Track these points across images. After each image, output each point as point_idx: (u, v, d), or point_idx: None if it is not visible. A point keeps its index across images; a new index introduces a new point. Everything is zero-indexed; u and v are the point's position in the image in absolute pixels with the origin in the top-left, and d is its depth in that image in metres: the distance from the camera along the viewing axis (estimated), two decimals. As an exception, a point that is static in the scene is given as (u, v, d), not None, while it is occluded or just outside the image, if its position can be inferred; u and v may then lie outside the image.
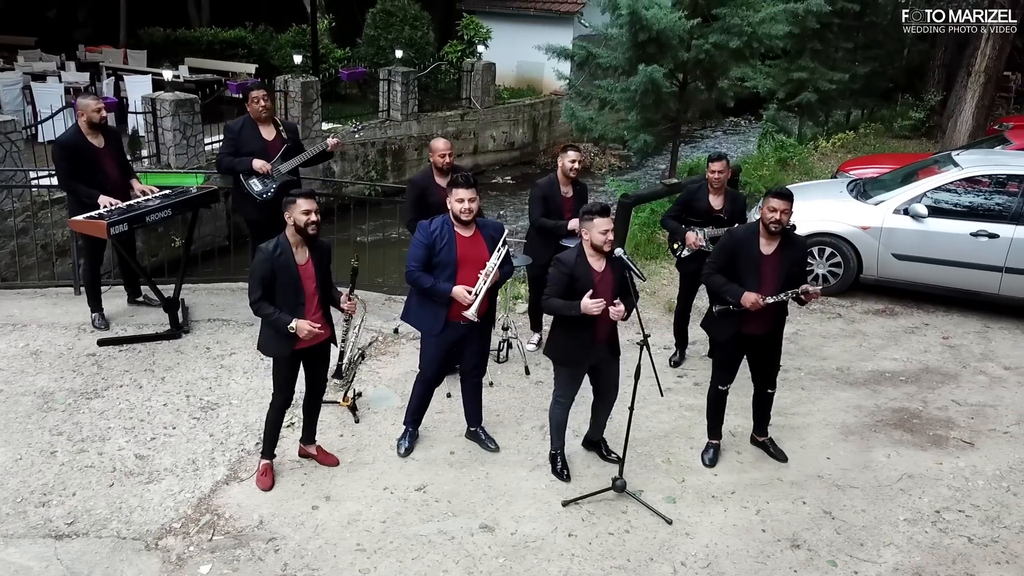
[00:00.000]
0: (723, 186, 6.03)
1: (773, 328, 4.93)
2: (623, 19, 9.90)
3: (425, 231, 4.61)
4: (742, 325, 4.83)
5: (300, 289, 4.32)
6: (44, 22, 20.87)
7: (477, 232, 4.66)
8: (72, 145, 5.88)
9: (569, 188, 6.04)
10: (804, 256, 4.94)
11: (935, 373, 6.56)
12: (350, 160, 14.17)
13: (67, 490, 4.49)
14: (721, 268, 4.87)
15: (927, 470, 5.19)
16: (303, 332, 4.25)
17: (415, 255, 4.59)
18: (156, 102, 10.41)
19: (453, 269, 4.56)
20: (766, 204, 4.70)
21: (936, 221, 7.53)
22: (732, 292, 4.75)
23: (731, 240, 4.91)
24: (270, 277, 4.26)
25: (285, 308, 4.29)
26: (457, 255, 4.56)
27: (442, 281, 4.55)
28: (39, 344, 5.98)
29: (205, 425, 5.20)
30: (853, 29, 16.60)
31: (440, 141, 5.87)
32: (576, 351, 4.62)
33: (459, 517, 4.53)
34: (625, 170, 17.58)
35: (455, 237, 4.59)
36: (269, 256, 4.25)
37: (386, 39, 16.06)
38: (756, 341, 4.93)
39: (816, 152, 15.09)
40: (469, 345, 4.88)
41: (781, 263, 4.76)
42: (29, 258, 8.74)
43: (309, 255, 4.37)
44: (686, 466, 5.12)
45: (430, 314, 4.71)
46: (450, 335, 4.75)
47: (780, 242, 4.77)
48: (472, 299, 4.47)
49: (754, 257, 4.76)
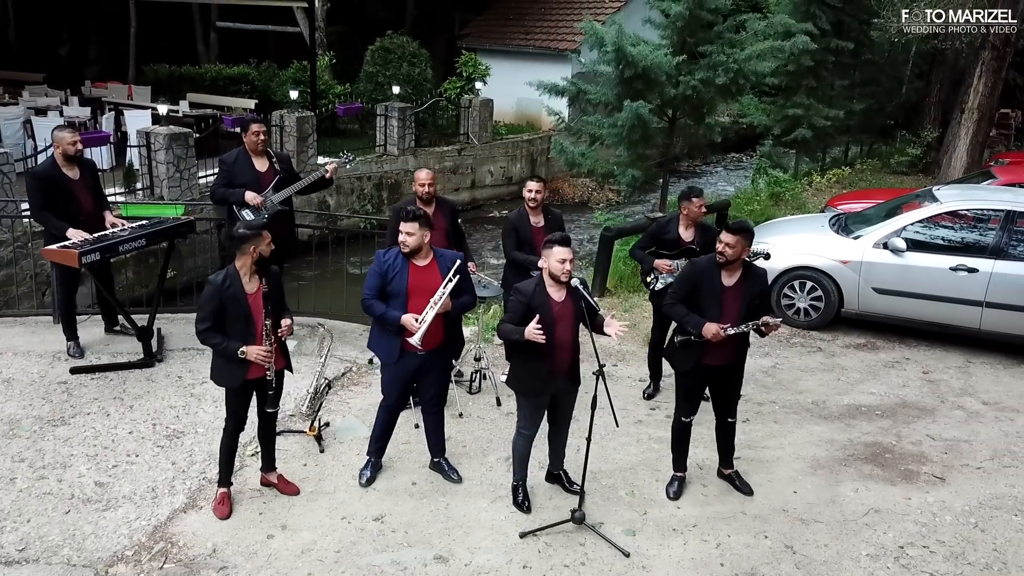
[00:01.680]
0: (696, 220, 6.07)
1: (735, 360, 4.92)
2: (609, 56, 10.06)
3: (379, 260, 4.66)
4: (703, 356, 4.82)
5: (251, 319, 4.34)
6: (55, 59, 21.35)
7: (433, 262, 4.70)
8: (46, 176, 5.98)
9: (540, 218, 6.07)
10: (766, 288, 4.95)
11: (912, 407, 6.50)
12: (345, 194, 14.31)
13: (22, 516, 4.50)
14: (683, 299, 4.88)
15: (895, 505, 5.12)
16: (252, 356, 4.27)
17: (369, 283, 4.65)
18: (151, 136, 10.58)
19: (404, 298, 4.60)
20: (720, 235, 4.74)
21: (915, 255, 7.52)
22: (693, 323, 4.76)
23: (693, 271, 4.92)
24: (219, 309, 4.30)
25: (235, 338, 4.31)
26: (408, 285, 4.60)
27: (393, 309, 4.58)
28: (12, 372, 6.03)
29: (169, 453, 5.20)
30: (849, 67, 16.75)
31: (423, 172, 5.93)
32: (535, 381, 4.62)
33: (414, 547, 4.50)
34: (622, 204, 17.63)
35: (408, 267, 4.63)
36: (218, 289, 4.28)
37: (384, 76, 16.29)
38: (718, 372, 4.92)
39: (810, 187, 15.14)
40: (428, 376, 4.89)
41: (742, 294, 4.77)
42: (19, 287, 8.83)
43: (259, 284, 4.39)
44: (649, 498, 5.08)
45: (386, 343, 4.75)
46: (407, 364, 4.76)
47: (741, 274, 4.79)
48: (417, 327, 4.49)
49: (715, 288, 4.77)
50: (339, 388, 6.23)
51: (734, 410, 5.09)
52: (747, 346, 4.98)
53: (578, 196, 18.60)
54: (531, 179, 6.05)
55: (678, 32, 10.49)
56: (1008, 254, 7.22)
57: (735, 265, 4.73)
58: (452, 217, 6.12)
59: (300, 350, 6.75)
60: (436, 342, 4.72)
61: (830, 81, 16.00)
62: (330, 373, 6.33)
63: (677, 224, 6.08)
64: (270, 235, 4.40)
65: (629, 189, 11.30)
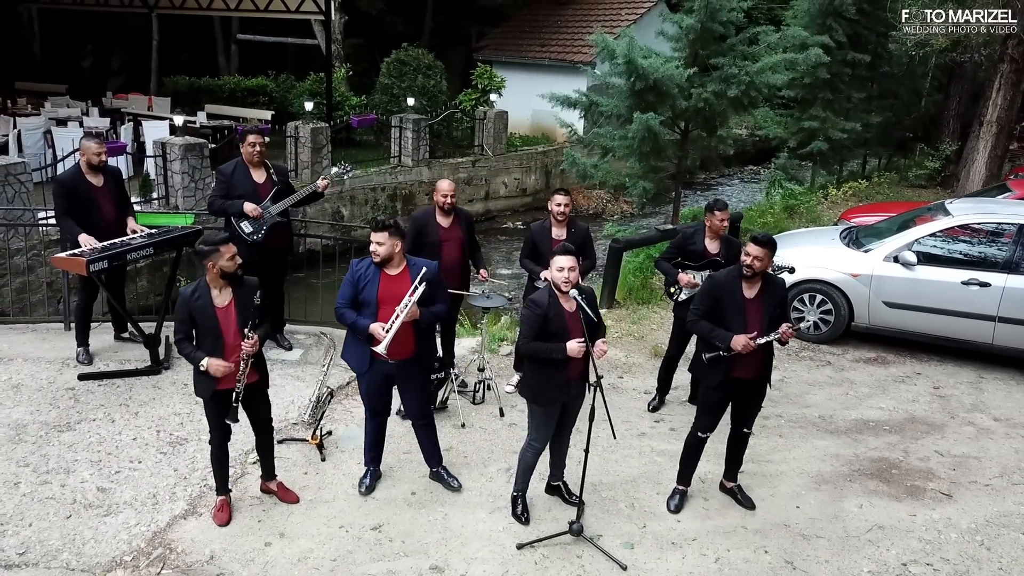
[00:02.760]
0: (721, 232, 6.05)
1: (761, 372, 4.88)
2: (620, 68, 10.07)
3: (352, 269, 4.68)
4: (732, 370, 4.79)
5: (219, 333, 4.35)
6: (79, 71, 21.74)
7: (405, 271, 4.69)
8: (70, 183, 6.13)
9: (562, 231, 6.06)
10: (785, 297, 4.89)
11: (921, 423, 6.42)
12: (359, 204, 14.41)
13: (24, 520, 4.55)
14: (705, 314, 4.84)
15: (899, 521, 5.05)
16: (212, 370, 4.29)
17: (342, 293, 4.68)
18: (166, 146, 10.73)
19: (374, 307, 4.60)
20: (744, 248, 4.71)
21: (926, 269, 7.44)
22: (720, 337, 4.71)
23: (713, 285, 4.88)
24: (190, 321, 4.33)
25: (205, 350, 4.34)
26: (378, 294, 4.60)
27: (363, 318, 4.59)
28: (21, 377, 6.10)
29: (171, 460, 5.24)
30: (867, 79, 16.66)
31: (445, 182, 5.98)
32: (551, 390, 4.59)
33: (410, 557, 4.49)
34: (637, 216, 17.63)
35: (379, 276, 4.64)
36: (187, 300, 4.33)
37: (400, 87, 16.43)
38: (745, 385, 4.88)
39: (826, 200, 15.03)
40: (406, 389, 4.90)
41: (764, 306, 4.73)
42: (34, 295, 8.97)
43: (232, 298, 4.39)
44: (649, 511, 5.04)
45: (357, 352, 4.76)
46: (378, 372, 4.76)
47: (761, 285, 4.76)
48: (383, 335, 4.49)
49: (737, 301, 4.74)
50: (343, 397, 6.25)
51: (752, 422, 5.04)
52: (772, 357, 4.94)
53: (593, 207, 18.61)
54: (559, 192, 6.04)
55: (690, 44, 10.51)
56: (1021, 268, 7.12)
57: (756, 277, 4.71)
58: (468, 228, 6.14)
59: (305, 359, 6.79)
60: (406, 352, 4.70)
61: (847, 93, 15.91)
62: (334, 382, 6.35)
63: (703, 236, 6.05)
64: (233, 250, 4.33)
65: (641, 201, 11.29)
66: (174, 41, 21.49)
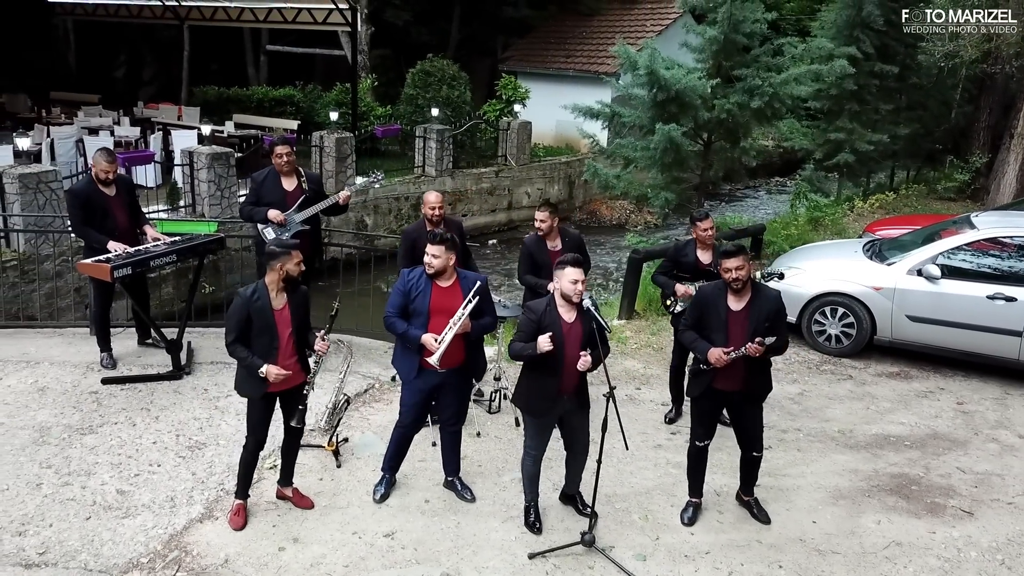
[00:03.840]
0: (712, 242, 6.04)
1: (746, 386, 4.81)
2: (642, 79, 10.08)
3: (404, 279, 4.73)
4: (714, 381, 4.78)
5: (275, 334, 4.45)
6: (112, 81, 22.20)
7: (456, 283, 4.75)
8: (83, 194, 6.29)
9: (557, 242, 6.09)
10: (776, 308, 4.79)
11: (943, 439, 6.32)
12: (383, 213, 14.53)
13: (45, 521, 4.64)
14: (693, 325, 4.86)
15: (918, 539, 4.97)
16: (271, 376, 4.38)
17: (393, 302, 4.73)
18: (193, 155, 10.92)
19: (425, 318, 4.66)
20: (721, 266, 4.68)
21: (951, 283, 7.34)
22: (700, 349, 4.74)
23: (700, 297, 4.92)
24: (246, 321, 4.41)
25: (259, 351, 4.43)
26: (430, 304, 4.66)
27: (415, 328, 4.64)
28: (47, 381, 6.23)
29: (189, 464, 5.31)
30: (895, 91, 16.49)
31: (432, 194, 6.03)
32: (542, 401, 4.61)
33: (422, 565, 4.51)
34: (660, 227, 17.57)
35: (431, 287, 4.70)
36: (246, 301, 4.41)
37: (424, 98, 16.55)
38: (730, 398, 4.86)
39: (852, 212, 14.87)
40: (447, 394, 4.94)
41: (750, 318, 4.69)
42: (63, 300, 9.15)
43: (287, 301, 4.50)
44: (663, 524, 5.01)
45: (407, 360, 4.82)
46: (425, 382, 4.81)
47: (751, 297, 4.72)
48: (437, 346, 4.53)
49: (721, 313, 4.74)
50: (360, 404, 6.30)
51: (759, 444, 4.99)
52: (762, 373, 4.88)
53: (616, 218, 18.59)
54: (540, 208, 6.08)
55: (713, 56, 10.50)
56: (1048, 283, 7.00)
57: (744, 289, 4.68)
58: (459, 237, 6.17)
59: (324, 366, 6.80)
60: (456, 362, 4.76)
61: (874, 105, 15.75)
62: (352, 390, 6.39)
63: (694, 247, 6.06)
64: (300, 256, 4.49)
65: (663, 211, 11.26)
66: (205, 52, 21.87)
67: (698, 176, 11.21)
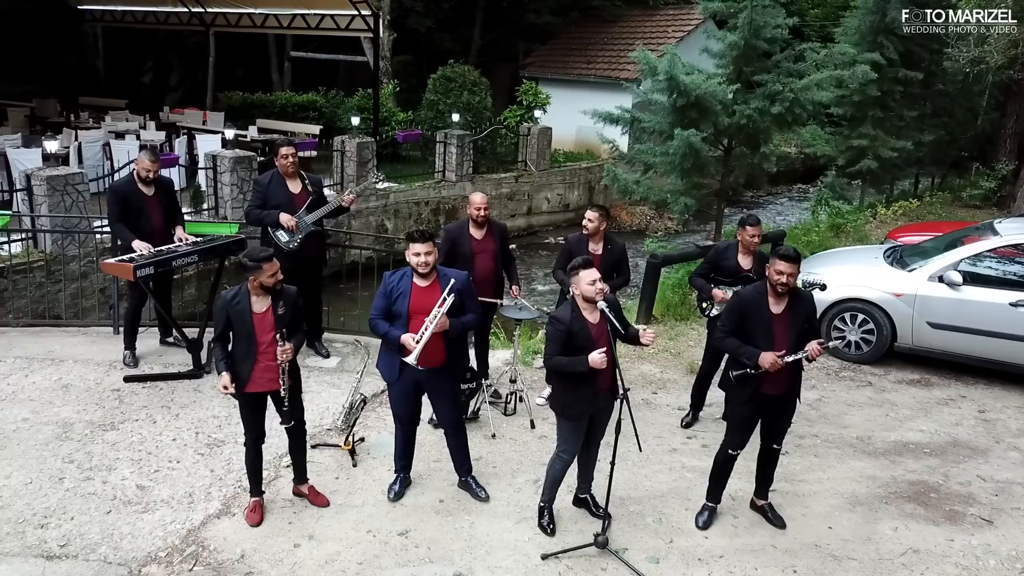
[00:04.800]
0: (755, 248, 6.00)
1: (789, 389, 4.83)
2: (662, 84, 10.08)
3: (386, 282, 4.77)
4: (760, 386, 4.74)
5: (252, 337, 4.50)
6: (139, 87, 22.56)
7: (435, 282, 4.76)
8: (122, 191, 6.43)
9: (599, 246, 6.07)
10: (813, 311, 4.83)
11: (963, 447, 6.25)
12: (403, 218, 14.62)
13: (66, 514, 4.72)
14: (733, 331, 4.80)
15: (935, 546, 4.92)
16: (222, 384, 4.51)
17: (376, 305, 4.78)
18: (217, 158, 11.07)
19: (405, 319, 4.69)
20: (772, 266, 4.64)
21: (973, 289, 7.25)
22: (748, 354, 4.67)
23: (740, 302, 4.83)
24: (226, 323, 4.50)
25: (239, 353, 4.51)
26: (409, 305, 4.69)
27: (395, 329, 4.68)
28: (71, 378, 6.35)
29: (208, 461, 5.38)
30: (919, 97, 16.34)
31: (478, 195, 6.05)
32: (580, 403, 4.59)
33: (435, 563, 4.54)
34: (681, 233, 17.53)
35: (411, 288, 4.72)
36: (225, 304, 4.50)
37: (445, 103, 16.65)
38: (773, 401, 4.83)
39: (874, 219, 14.73)
40: (437, 398, 4.98)
41: (792, 321, 4.68)
42: (87, 300, 9.30)
43: (270, 305, 4.53)
44: (677, 527, 5.00)
45: (389, 362, 4.85)
46: (407, 381, 4.84)
47: (789, 300, 4.71)
48: (414, 346, 4.56)
49: (764, 317, 4.69)
50: (377, 405, 6.34)
51: (782, 438, 4.98)
52: (801, 372, 4.87)
53: (636, 224, 18.54)
54: (591, 208, 6.06)
55: (734, 61, 10.47)
56: (1073, 290, 6.91)
57: (783, 293, 4.66)
58: (502, 240, 6.20)
59: (342, 367, 6.92)
60: (437, 360, 4.78)
61: (898, 111, 15.60)
62: (368, 390, 6.45)
63: (736, 251, 6.01)
64: (275, 267, 4.44)
65: (682, 217, 11.24)
66: (230, 58, 22.17)
67: (718, 182, 11.17)
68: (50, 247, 9.16)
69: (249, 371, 4.55)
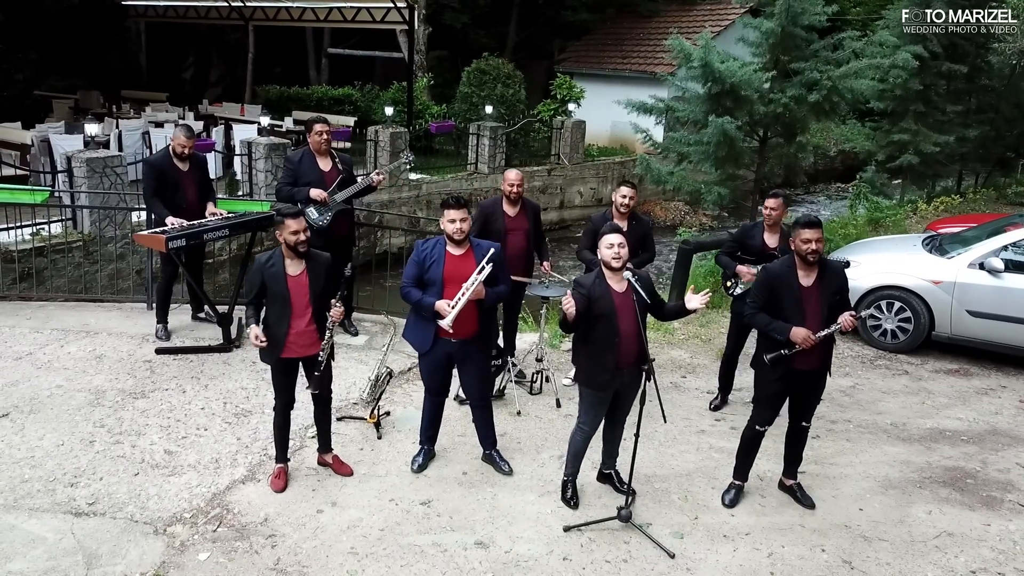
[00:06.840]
0: (778, 224, 5.90)
1: (821, 363, 4.73)
2: (696, 72, 9.97)
3: (418, 250, 4.76)
4: (793, 362, 4.64)
5: (287, 301, 4.52)
6: (180, 82, 22.97)
7: (469, 251, 4.76)
8: (158, 165, 6.54)
9: (624, 223, 6.02)
10: (845, 283, 4.72)
11: (1003, 435, 6.07)
12: (435, 209, 14.64)
13: (96, 475, 4.79)
14: (763, 306, 4.72)
15: (971, 530, 4.78)
16: (252, 337, 4.51)
17: (408, 273, 4.76)
18: (252, 145, 11.21)
19: (439, 286, 4.68)
20: (798, 236, 4.54)
21: (1015, 277, 7.06)
22: (779, 329, 4.58)
23: (768, 276, 4.74)
24: (261, 287, 4.53)
25: (273, 316, 4.53)
26: (444, 273, 4.68)
27: (428, 296, 4.67)
28: (104, 349, 6.46)
29: (235, 429, 5.43)
30: (963, 92, 15.95)
31: (513, 172, 6.05)
32: (603, 373, 4.52)
33: (457, 532, 4.52)
34: (716, 228, 17.33)
35: (444, 256, 4.71)
36: (260, 267, 4.54)
37: (479, 96, 16.67)
38: (805, 377, 4.73)
39: (915, 215, 14.41)
40: (466, 370, 4.96)
41: (822, 293, 4.59)
42: (124, 281, 9.46)
43: (304, 268, 4.56)
44: (703, 504, 4.92)
45: (421, 331, 4.83)
46: (440, 351, 4.83)
47: (819, 272, 4.62)
48: (449, 311, 4.55)
49: (794, 290, 4.60)
50: (403, 381, 6.36)
51: (811, 415, 4.89)
52: (833, 345, 4.77)
53: (670, 219, 18.38)
54: (624, 184, 6.01)
55: (770, 49, 10.31)
56: (1120, 278, 6.68)
57: (813, 264, 4.57)
58: (535, 218, 6.18)
59: (370, 344, 6.95)
60: (469, 331, 4.76)
61: (941, 106, 15.24)
62: (396, 366, 6.46)
63: (762, 230, 5.92)
64: (297, 226, 4.45)
65: (716, 208, 11.11)
66: (269, 55, 22.48)
67: (753, 172, 11.02)
68: (88, 227, 9.33)
69: (284, 335, 4.57)
